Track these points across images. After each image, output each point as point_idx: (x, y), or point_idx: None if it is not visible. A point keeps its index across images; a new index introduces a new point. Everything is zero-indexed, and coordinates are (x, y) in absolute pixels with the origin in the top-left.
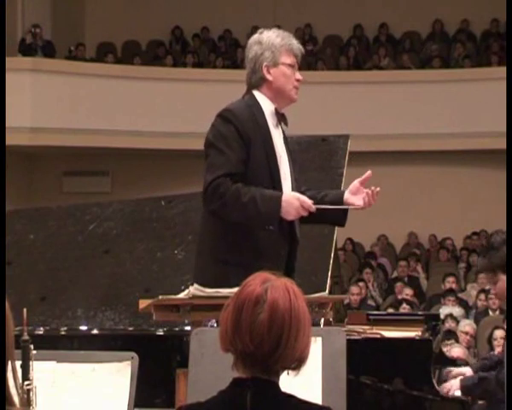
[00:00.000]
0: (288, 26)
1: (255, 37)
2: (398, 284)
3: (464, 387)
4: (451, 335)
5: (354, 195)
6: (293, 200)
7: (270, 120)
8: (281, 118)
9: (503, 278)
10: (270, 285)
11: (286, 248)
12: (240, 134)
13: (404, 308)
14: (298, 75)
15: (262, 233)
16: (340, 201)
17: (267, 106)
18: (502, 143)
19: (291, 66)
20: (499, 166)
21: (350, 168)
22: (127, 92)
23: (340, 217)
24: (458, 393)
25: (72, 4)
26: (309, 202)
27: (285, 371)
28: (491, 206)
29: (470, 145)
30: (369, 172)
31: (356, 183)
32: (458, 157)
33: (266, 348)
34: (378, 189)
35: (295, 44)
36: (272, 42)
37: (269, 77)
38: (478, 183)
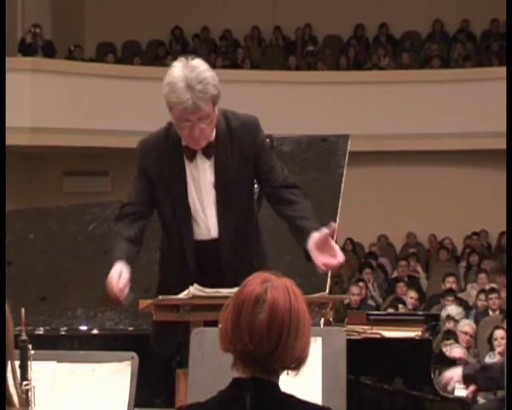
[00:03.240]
0: (288, 26)
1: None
2: (400, 285)
3: (466, 375)
4: (451, 335)
5: (319, 249)
6: (109, 279)
7: (186, 156)
8: (195, 153)
9: None
10: (270, 285)
11: (189, 281)
12: (141, 168)
13: (403, 308)
14: (193, 131)
15: (168, 261)
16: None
17: (183, 140)
18: (502, 143)
19: (179, 120)
20: (499, 166)
21: (350, 168)
22: (127, 92)
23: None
24: (460, 386)
25: (72, 4)
26: (114, 286)
27: (285, 371)
28: (490, 206)
29: (470, 145)
30: (333, 226)
31: (316, 239)
32: (458, 157)
33: (266, 347)
34: (333, 226)
35: (179, 101)
36: (163, 87)
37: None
38: (478, 183)
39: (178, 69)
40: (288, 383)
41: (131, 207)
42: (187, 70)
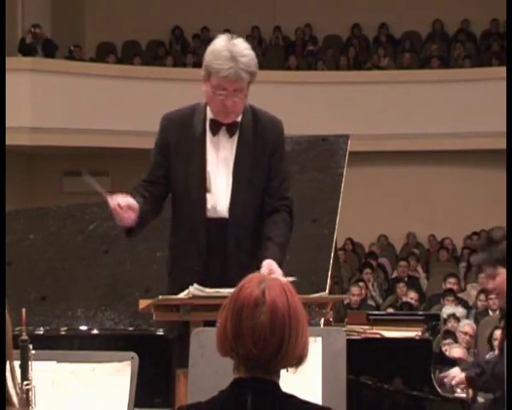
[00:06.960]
0: (288, 26)
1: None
2: (400, 285)
3: (469, 378)
4: (451, 335)
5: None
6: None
7: (210, 129)
8: (220, 128)
9: (502, 272)
10: (267, 285)
11: (200, 265)
12: (162, 143)
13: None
14: (226, 101)
15: (177, 246)
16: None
17: (208, 114)
18: (502, 143)
19: (215, 88)
20: (499, 166)
21: (350, 168)
22: (127, 92)
23: None
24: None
25: (72, 4)
26: (122, 201)
27: (284, 369)
28: (490, 206)
29: (470, 145)
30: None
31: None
32: (458, 157)
33: (270, 350)
34: None
35: (222, 68)
36: (206, 56)
37: (202, 88)
38: (478, 183)
39: (223, 41)
40: (289, 383)
41: (147, 186)
42: (230, 44)
